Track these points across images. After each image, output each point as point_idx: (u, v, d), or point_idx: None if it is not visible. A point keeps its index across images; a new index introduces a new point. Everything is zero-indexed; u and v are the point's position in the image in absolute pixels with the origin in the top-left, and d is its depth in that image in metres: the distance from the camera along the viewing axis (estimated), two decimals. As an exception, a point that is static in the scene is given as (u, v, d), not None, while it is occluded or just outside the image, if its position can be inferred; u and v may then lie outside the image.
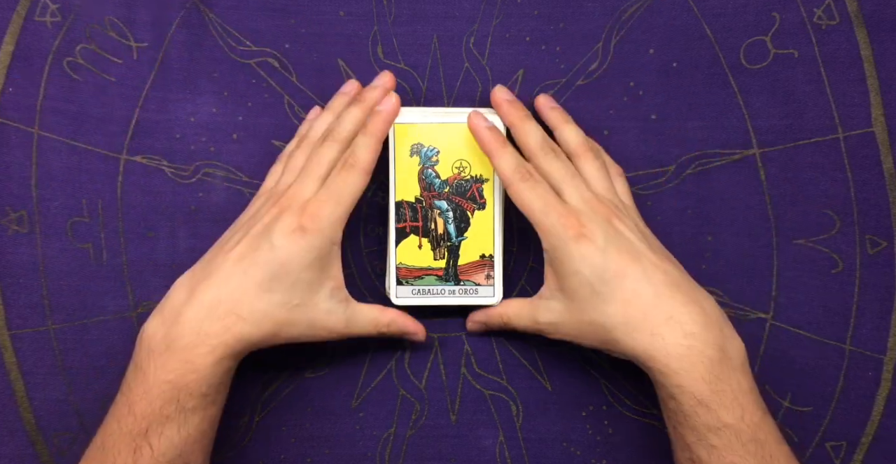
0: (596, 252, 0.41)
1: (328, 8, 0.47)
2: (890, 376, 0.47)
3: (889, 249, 0.47)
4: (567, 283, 0.42)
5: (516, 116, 0.45)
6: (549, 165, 0.44)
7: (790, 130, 0.47)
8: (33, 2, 0.46)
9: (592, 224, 0.41)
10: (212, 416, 0.41)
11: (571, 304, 0.42)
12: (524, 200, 0.42)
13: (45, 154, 0.46)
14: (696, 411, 0.39)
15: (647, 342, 0.40)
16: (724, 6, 0.47)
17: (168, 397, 0.39)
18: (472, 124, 0.44)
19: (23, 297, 0.46)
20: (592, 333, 0.42)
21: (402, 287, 0.46)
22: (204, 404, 0.40)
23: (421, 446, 0.48)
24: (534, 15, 0.48)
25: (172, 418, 0.39)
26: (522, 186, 0.42)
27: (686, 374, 0.39)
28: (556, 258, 0.42)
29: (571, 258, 0.41)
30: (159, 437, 0.38)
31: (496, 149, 0.43)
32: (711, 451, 0.38)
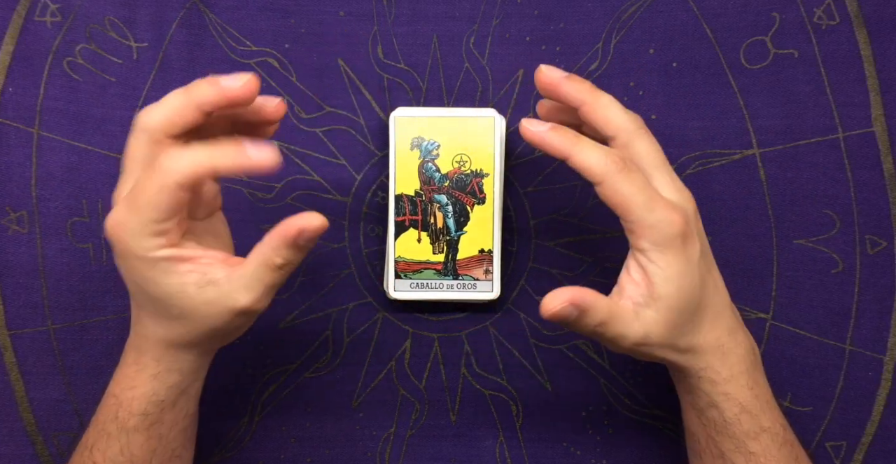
0: (695, 258, 0.36)
1: (328, 8, 0.47)
2: (890, 376, 0.47)
3: (889, 249, 0.47)
4: (667, 290, 0.35)
5: (587, 91, 0.37)
6: (642, 147, 0.37)
7: (790, 130, 0.47)
8: (33, 2, 0.46)
9: (692, 222, 0.36)
10: (162, 435, 0.37)
11: (667, 314, 0.36)
12: (623, 194, 0.35)
13: (45, 154, 0.46)
14: (739, 419, 0.37)
15: (712, 352, 0.37)
16: (724, 6, 0.47)
17: (110, 413, 0.37)
18: (531, 133, 0.36)
19: (23, 297, 0.46)
20: (679, 344, 0.37)
21: (401, 281, 0.46)
22: (146, 423, 0.37)
23: (421, 446, 0.48)
24: (534, 15, 0.48)
25: (113, 436, 0.37)
26: (619, 179, 0.35)
27: (735, 382, 0.37)
28: (655, 261, 0.35)
29: (674, 266, 0.35)
30: (103, 454, 0.37)
31: (573, 145, 0.36)
32: (749, 457, 0.37)
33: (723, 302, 0.38)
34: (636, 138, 0.37)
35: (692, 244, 0.36)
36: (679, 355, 0.37)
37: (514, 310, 0.48)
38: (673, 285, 0.35)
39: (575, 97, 0.37)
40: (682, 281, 0.36)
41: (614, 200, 0.35)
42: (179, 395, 0.38)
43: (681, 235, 0.35)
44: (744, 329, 0.40)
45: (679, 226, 0.35)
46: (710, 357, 0.37)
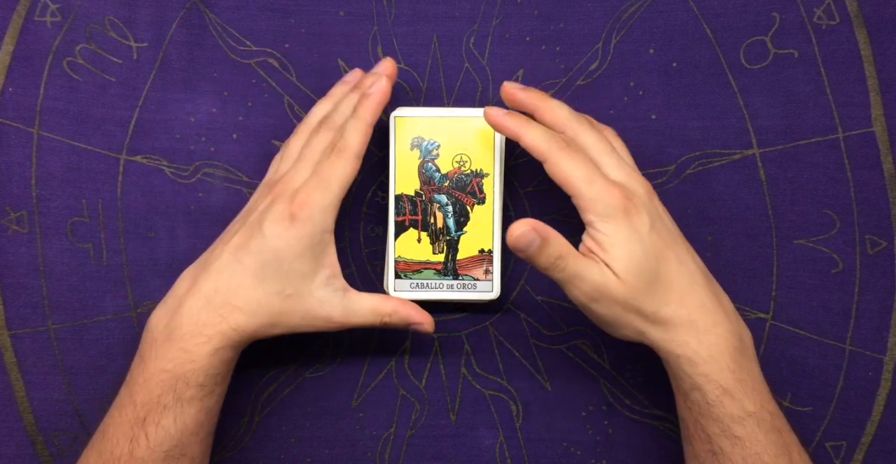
0: (643, 230, 0.39)
1: (328, 8, 0.47)
2: (890, 376, 0.47)
3: (889, 249, 0.47)
4: (617, 255, 0.39)
5: (536, 97, 0.42)
6: (585, 138, 0.41)
7: (790, 130, 0.47)
8: (33, 2, 0.46)
9: (637, 199, 0.40)
10: (209, 408, 0.40)
11: (624, 278, 0.39)
12: (565, 170, 0.39)
13: (45, 154, 0.46)
14: (721, 401, 0.38)
15: (685, 329, 0.39)
16: (724, 6, 0.47)
17: (166, 387, 0.39)
18: (490, 116, 0.42)
19: (23, 297, 0.46)
20: (642, 312, 0.40)
21: (401, 281, 0.46)
22: (201, 394, 0.40)
23: (421, 446, 0.48)
24: (534, 15, 0.48)
25: (169, 408, 0.39)
26: (561, 156, 0.40)
27: (714, 362, 0.39)
28: (601, 229, 0.39)
29: (619, 232, 0.39)
30: (156, 426, 0.39)
31: (522, 126, 0.41)
32: (735, 442, 0.38)
33: (691, 279, 0.40)
34: (580, 131, 0.42)
35: (637, 217, 0.39)
36: (650, 326, 0.40)
37: (514, 310, 0.48)
38: (621, 249, 0.39)
39: (529, 103, 0.42)
40: (630, 246, 0.39)
41: (558, 177, 0.40)
42: (227, 371, 0.42)
43: (621, 207, 0.39)
44: (728, 315, 0.41)
45: (618, 199, 0.39)
46: (683, 333, 0.39)
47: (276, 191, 0.42)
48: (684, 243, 0.42)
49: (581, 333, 0.48)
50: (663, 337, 0.40)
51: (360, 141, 0.42)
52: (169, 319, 0.41)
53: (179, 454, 0.39)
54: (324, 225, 0.41)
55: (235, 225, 0.43)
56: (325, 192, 0.41)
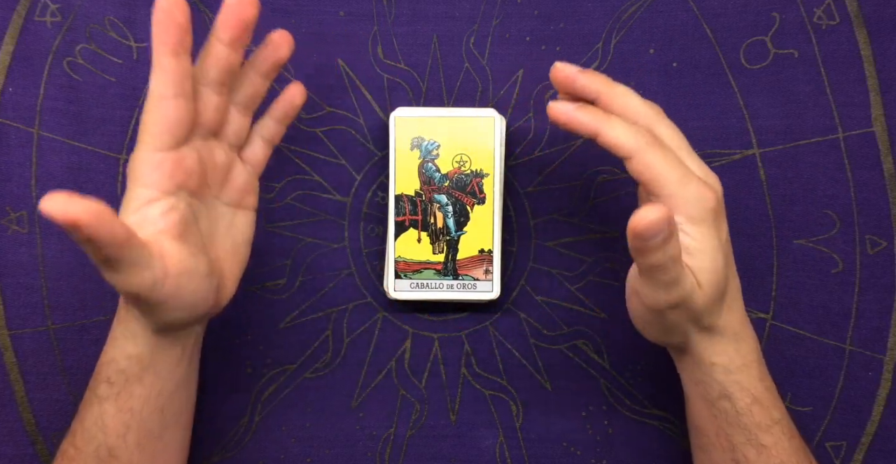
0: (724, 236, 0.36)
1: (328, 8, 0.47)
2: (890, 376, 0.47)
3: (889, 249, 0.47)
4: (703, 263, 0.35)
5: (601, 82, 0.37)
6: (662, 131, 0.37)
7: (790, 130, 0.47)
8: (33, 2, 0.46)
9: (721, 203, 0.36)
10: (131, 409, 0.37)
11: (705, 285, 0.36)
12: (656, 168, 0.35)
13: (45, 154, 0.46)
14: (751, 410, 0.37)
15: (730, 337, 0.38)
16: (724, 6, 0.47)
17: (91, 381, 0.38)
18: (559, 112, 0.37)
19: (23, 297, 0.46)
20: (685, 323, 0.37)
21: (401, 281, 0.46)
22: (112, 392, 0.37)
23: (421, 446, 0.48)
24: (534, 15, 0.48)
25: (88, 404, 0.38)
26: (651, 153, 0.35)
27: (747, 371, 0.38)
28: (690, 234, 0.35)
29: (708, 239, 0.35)
30: (80, 423, 0.38)
31: (603, 122, 0.36)
32: (761, 450, 0.37)
33: (738, 289, 0.39)
34: (657, 123, 0.37)
35: (723, 223, 0.36)
36: (698, 334, 0.37)
37: (514, 310, 0.48)
38: (708, 258, 0.35)
39: (591, 90, 0.37)
40: (716, 255, 0.36)
41: (647, 175, 0.35)
42: (143, 369, 0.38)
43: (714, 210, 0.35)
44: (749, 322, 0.40)
45: (712, 201, 0.35)
46: (725, 342, 0.38)
47: None
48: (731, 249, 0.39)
49: (581, 333, 0.48)
50: (705, 345, 0.38)
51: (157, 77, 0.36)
52: None
53: (108, 456, 0.37)
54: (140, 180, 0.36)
55: None
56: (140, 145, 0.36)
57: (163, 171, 0.36)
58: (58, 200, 0.30)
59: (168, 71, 0.35)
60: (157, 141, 0.36)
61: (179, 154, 0.36)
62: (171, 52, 0.35)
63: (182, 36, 0.35)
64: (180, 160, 0.36)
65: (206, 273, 0.37)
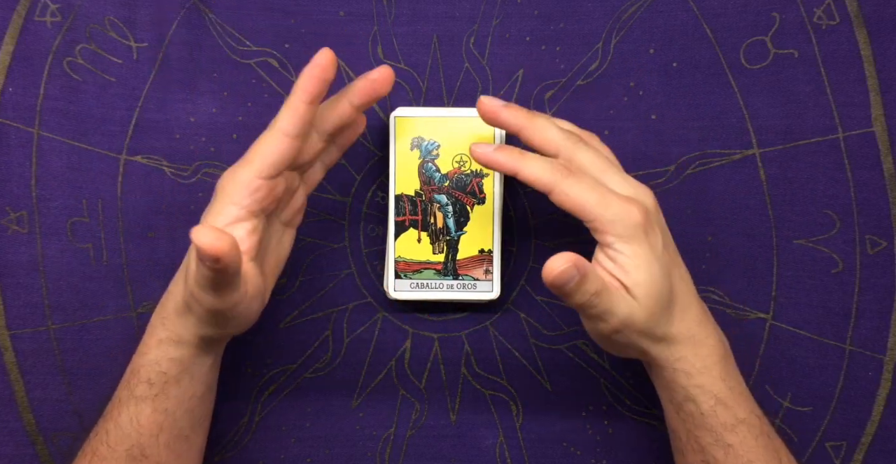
0: (657, 247, 0.37)
1: (328, 8, 0.47)
2: (890, 376, 0.47)
3: (889, 249, 0.47)
4: (638, 279, 0.37)
5: (523, 116, 0.39)
6: (582, 157, 0.39)
7: (790, 130, 0.47)
8: (33, 2, 0.46)
9: (650, 215, 0.38)
10: (165, 409, 0.39)
11: (644, 302, 0.37)
12: (575, 197, 0.37)
13: (45, 154, 0.46)
14: (715, 411, 0.38)
15: (685, 343, 0.39)
16: (724, 6, 0.47)
17: (124, 381, 0.40)
18: (479, 154, 0.39)
19: (23, 297, 0.46)
20: (656, 334, 0.38)
21: (401, 281, 0.46)
22: (151, 393, 0.39)
23: (421, 446, 0.48)
24: (534, 15, 0.48)
25: (123, 404, 0.39)
26: (568, 184, 0.37)
27: (707, 373, 0.38)
28: (623, 251, 0.37)
29: (640, 254, 0.37)
30: (115, 423, 0.39)
31: (517, 160, 0.38)
32: (728, 450, 0.38)
33: (689, 293, 0.40)
34: (576, 151, 0.39)
35: (654, 235, 0.37)
36: (654, 345, 0.39)
37: (514, 310, 0.48)
38: (644, 273, 0.37)
39: (513, 123, 0.39)
40: (651, 269, 0.37)
41: (569, 205, 0.37)
42: (182, 372, 0.40)
43: (641, 225, 0.37)
44: (712, 321, 0.41)
45: (637, 216, 0.37)
46: (682, 348, 0.39)
47: None
48: (677, 254, 0.40)
49: (581, 333, 0.48)
50: (664, 353, 0.39)
51: (287, 116, 0.38)
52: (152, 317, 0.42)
53: (140, 455, 0.39)
54: (233, 198, 0.38)
55: None
56: (245, 166, 0.38)
57: (257, 196, 0.38)
58: (208, 234, 0.32)
59: (299, 114, 0.38)
60: (264, 169, 0.38)
61: (275, 183, 0.39)
62: (308, 99, 0.38)
63: (322, 90, 0.38)
64: (273, 188, 0.39)
65: (265, 294, 0.40)
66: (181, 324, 0.39)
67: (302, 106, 0.38)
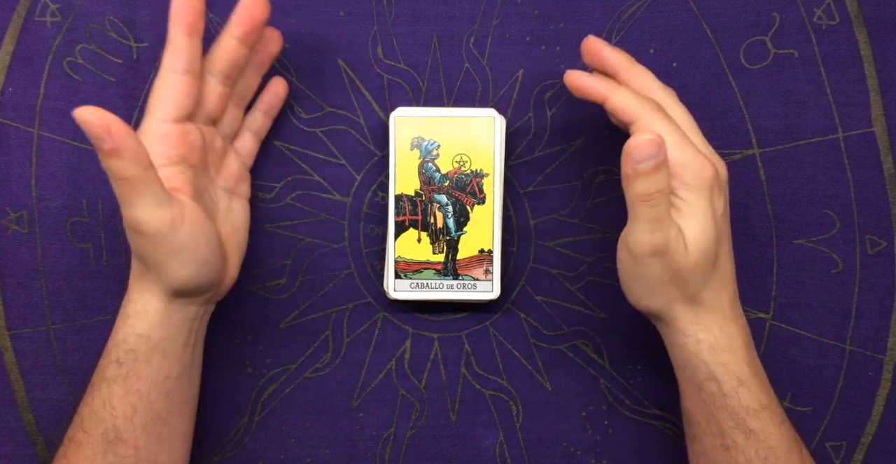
0: (719, 211, 0.38)
1: (328, 8, 0.47)
2: (890, 375, 0.47)
3: (889, 249, 0.47)
4: (691, 224, 0.37)
5: (625, 59, 0.40)
6: (673, 110, 0.40)
7: (790, 130, 0.47)
8: (33, 2, 0.46)
9: (722, 179, 0.38)
10: (139, 391, 0.39)
11: (691, 246, 0.37)
12: (660, 127, 0.37)
13: (45, 154, 0.46)
14: (738, 392, 0.38)
15: (716, 315, 0.39)
16: (724, 6, 0.47)
17: (98, 366, 0.40)
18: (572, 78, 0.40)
19: (23, 297, 0.46)
20: (689, 286, 0.38)
21: (401, 281, 0.46)
22: (121, 373, 0.39)
23: (421, 446, 0.48)
24: (534, 15, 0.48)
25: (95, 386, 0.39)
26: (654, 117, 0.38)
27: (732, 353, 0.38)
28: (685, 198, 0.37)
29: (700, 205, 0.37)
30: (88, 407, 0.39)
31: (612, 88, 0.39)
32: (749, 435, 0.38)
33: (731, 272, 0.40)
34: (668, 104, 0.40)
35: (718, 197, 0.38)
36: (682, 302, 0.39)
37: (514, 310, 0.48)
38: (698, 223, 0.37)
39: (613, 63, 0.40)
40: (706, 223, 0.37)
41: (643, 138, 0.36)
42: (152, 349, 0.39)
43: (711, 179, 0.37)
44: (741, 310, 0.40)
45: (709, 171, 0.37)
46: (711, 318, 0.39)
47: None
48: (729, 233, 0.40)
49: (581, 333, 0.48)
50: (691, 318, 0.39)
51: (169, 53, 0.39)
52: None
53: (115, 438, 0.38)
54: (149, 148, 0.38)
55: None
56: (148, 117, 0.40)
57: (169, 141, 0.39)
58: (91, 109, 0.33)
59: (180, 49, 0.39)
60: (165, 112, 0.39)
61: (184, 128, 0.40)
62: (185, 32, 0.39)
63: (197, 19, 0.39)
64: (184, 134, 0.40)
65: (214, 236, 0.40)
66: (140, 287, 0.39)
67: (179, 39, 0.39)
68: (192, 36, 0.39)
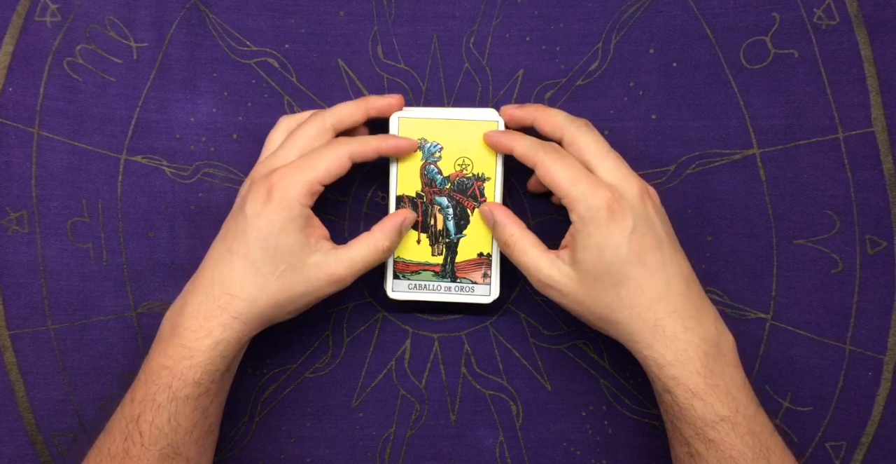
0: (623, 233, 0.40)
1: (328, 8, 0.47)
2: (890, 375, 0.47)
3: (889, 249, 0.47)
4: (585, 256, 0.40)
5: (533, 109, 0.44)
6: (583, 140, 0.42)
7: (790, 130, 0.47)
8: (33, 2, 0.46)
9: (624, 201, 0.40)
10: (205, 408, 0.40)
11: (583, 276, 0.40)
12: (551, 171, 0.41)
13: (45, 154, 0.46)
14: (692, 404, 0.39)
15: (649, 332, 0.40)
16: (724, 6, 0.47)
17: (162, 384, 0.39)
18: (487, 138, 0.44)
19: (23, 297, 0.46)
20: (595, 310, 0.41)
21: (399, 281, 0.46)
22: (197, 392, 0.39)
23: (421, 446, 0.48)
24: (534, 15, 0.48)
25: (163, 406, 0.39)
26: (548, 160, 0.41)
27: (681, 366, 0.39)
28: (581, 231, 0.40)
29: (596, 233, 0.40)
30: (150, 424, 0.39)
31: (513, 139, 0.43)
32: (710, 445, 0.38)
33: (666, 285, 0.40)
34: (579, 134, 0.42)
35: (621, 219, 0.40)
36: (600, 322, 0.41)
37: (514, 310, 0.48)
38: (592, 250, 0.40)
39: (528, 116, 0.44)
40: (602, 249, 0.40)
41: (546, 179, 0.41)
42: (226, 369, 0.41)
43: (604, 208, 0.39)
44: (704, 321, 0.40)
45: (602, 200, 0.40)
46: (648, 336, 0.40)
47: (253, 175, 0.42)
48: (671, 248, 0.41)
49: (581, 333, 0.48)
50: (626, 338, 0.41)
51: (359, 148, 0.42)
52: (175, 317, 0.41)
53: (173, 453, 0.39)
54: (300, 199, 0.40)
55: (227, 218, 0.43)
56: (303, 170, 0.41)
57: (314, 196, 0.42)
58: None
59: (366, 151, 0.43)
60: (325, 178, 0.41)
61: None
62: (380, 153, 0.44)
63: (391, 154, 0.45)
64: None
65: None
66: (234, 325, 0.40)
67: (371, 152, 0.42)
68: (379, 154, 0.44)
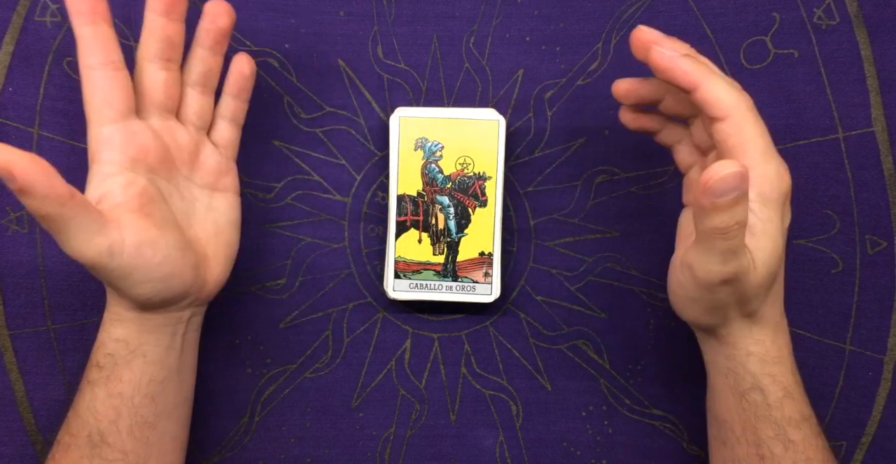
0: (786, 224, 0.36)
1: (328, 8, 0.47)
2: (890, 375, 0.47)
3: (889, 249, 0.47)
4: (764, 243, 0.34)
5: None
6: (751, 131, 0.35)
7: (790, 130, 0.47)
8: (33, 2, 0.46)
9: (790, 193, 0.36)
10: (121, 394, 0.38)
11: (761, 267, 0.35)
12: (749, 135, 0.34)
13: (45, 154, 0.46)
14: (783, 403, 0.37)
15: (768, 329, 0.38)
16: (724, 6, 0.47)
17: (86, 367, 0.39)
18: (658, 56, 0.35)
19: (23, 297, 0.46)
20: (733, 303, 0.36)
21: (400, 281, 0.46)
22: (101, 376, 0.38)
23: (421, 446, 0.48)
24: (534, 15, 0.48)
25: (81, 392, 0.39)
26: (748, 118, 0.34)
27: (781, 364, 0.38)
28: (758, 213, 0.34)
29: (773, 221, 0.35)
30: (74, 411, 0.39)
31: (707, 76, 0.34)
32: (788, 446, 0.37)
33: (782, 282, 0.38)
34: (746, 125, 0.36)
35: (788, 212, 0.36)
36: (741, 319, 0.37)
37: (514, 310, 0.48)
38: (770, 241, 0.34)
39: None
40: (776, 241, 0.35)
41: (735, 140, 0.34)
42: (130, 353, 0.39)
43: (786, 194, 0.35)
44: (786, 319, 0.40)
45: (788, 184, 0.35)
46: (764, 331, 0.37)
47: None
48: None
49: (581, 333, 0.48)
50: (745, 333, 0.37)
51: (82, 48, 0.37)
52: None
53: (101, 441, 0.38)
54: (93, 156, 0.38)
55: None
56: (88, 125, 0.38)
57: (113, 145, 0.37)
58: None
59: (87, 40, 0.36)
60: (100, 115, 0.37)
61: (128, 128, 0.37)
62: (86, 21, 0.36)
63: (94, 4, 0.35)
64: (131, 135, 0.37)
65: (176, 247, 0.38)
66: (111, 300, 0.39)
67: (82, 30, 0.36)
68: (95, 23, 0.35)
